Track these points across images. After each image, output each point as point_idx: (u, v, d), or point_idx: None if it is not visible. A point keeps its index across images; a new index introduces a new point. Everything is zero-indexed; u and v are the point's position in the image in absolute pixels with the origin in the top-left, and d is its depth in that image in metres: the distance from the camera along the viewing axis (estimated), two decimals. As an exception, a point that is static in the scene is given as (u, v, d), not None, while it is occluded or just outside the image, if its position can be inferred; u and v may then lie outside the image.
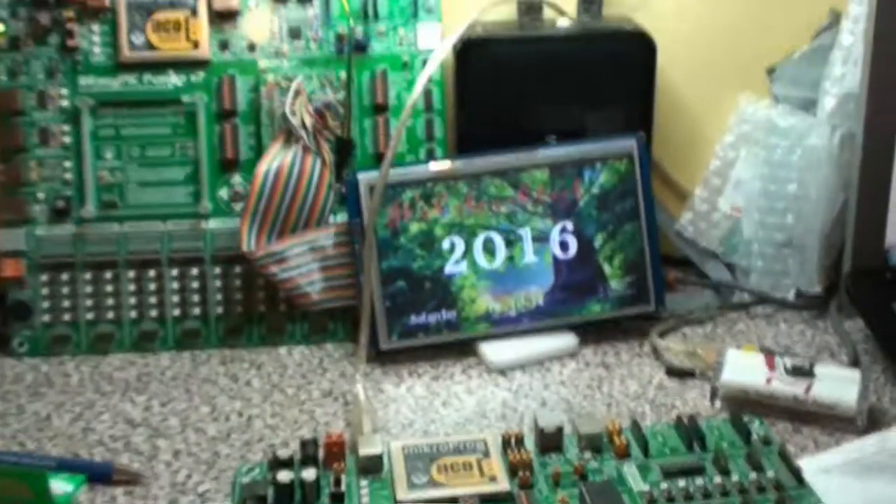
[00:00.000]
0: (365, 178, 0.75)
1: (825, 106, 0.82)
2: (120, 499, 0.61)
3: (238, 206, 0.79)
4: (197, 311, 0.79)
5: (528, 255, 0.77)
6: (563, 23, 0.82)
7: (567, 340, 0.77)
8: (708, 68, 0.88)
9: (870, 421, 0.66)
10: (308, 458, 0.61)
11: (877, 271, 0.79)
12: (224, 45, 0.80)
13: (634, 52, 0.80)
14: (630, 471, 0.60)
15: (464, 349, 0.77)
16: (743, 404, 0.68)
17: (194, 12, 0.79)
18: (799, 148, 0.82)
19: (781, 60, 0.87)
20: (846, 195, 0.81)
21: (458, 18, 0.79)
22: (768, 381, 0.68)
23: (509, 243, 0.77)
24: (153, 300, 0.79)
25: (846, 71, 0.82)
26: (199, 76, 0.79)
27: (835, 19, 0.85)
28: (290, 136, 0.77)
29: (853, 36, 0.81)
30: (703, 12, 0.87)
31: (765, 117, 0.84)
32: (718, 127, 0.88)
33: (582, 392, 0.72)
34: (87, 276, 0.78)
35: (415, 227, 0.76)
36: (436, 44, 0.81)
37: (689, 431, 0.63)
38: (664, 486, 0.58)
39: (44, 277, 0.78)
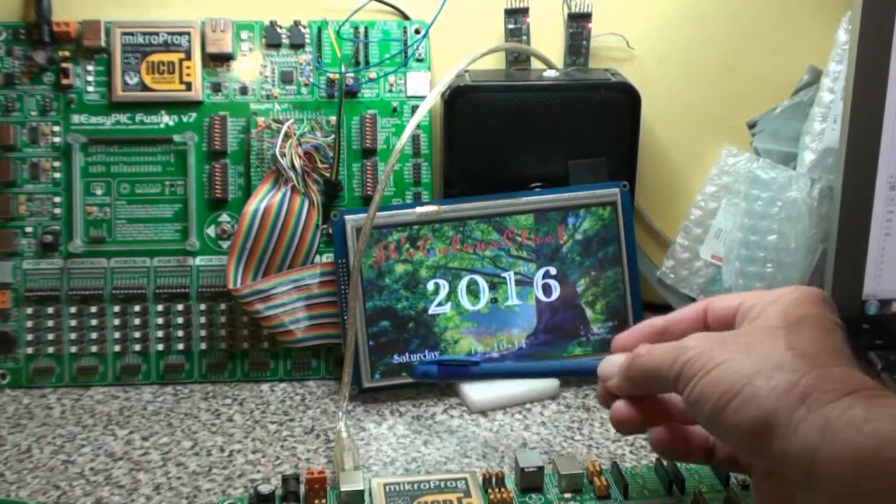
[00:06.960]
0: (352, 219, 0.76)
1: (805, 160, 0.84)
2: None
3: (225, 244, 0.80)
4: (181, 346, 0.79)
5: (512, 298, 0.78)
6: (550, 73, 0.84)
7: (548, 382, 0.77)
8: (690, 120, 0.90)
9: (847, 467, 0.67)
10: (290, 494, 0.61)
11: (854, 321, 0.80)
12: (216, 88, 0.81)
13: (619, 102, 0.81)
14: (609, 511, 0.60)
15: (445, 389, 0.77)
16: (722, 448, 0.68)
17: (188, 55, 0.80)
18: (779, 200, 0.83)
19: (762, 115, 0.88)
20: (824, 247, 0.82)
21: (448, 66, 0.80)
22: (747, 425, 0.68)
23: (493, 286, 0.78)
24: (137, 334, 0.79)
25: (825, 127, 0.83)
26: (190, 117, 0.80)
27: (815, 75, 0.87)
28: (279, 177, 0.78)
29: (833, 94, 0.83)
30: (686, 66, 0.89)
31: (746, 169, 0.86)
32: (699, 177, 0.89)
33: (562, 433, 0.72)
34: (73, 309, 0.79)
35: (400, 268, 0.77)
36: (425, 90, 0.82)
37: (669, 474, 0.63)
38: (643, 525, 0.58)
39: (29, 310, 0.78)
